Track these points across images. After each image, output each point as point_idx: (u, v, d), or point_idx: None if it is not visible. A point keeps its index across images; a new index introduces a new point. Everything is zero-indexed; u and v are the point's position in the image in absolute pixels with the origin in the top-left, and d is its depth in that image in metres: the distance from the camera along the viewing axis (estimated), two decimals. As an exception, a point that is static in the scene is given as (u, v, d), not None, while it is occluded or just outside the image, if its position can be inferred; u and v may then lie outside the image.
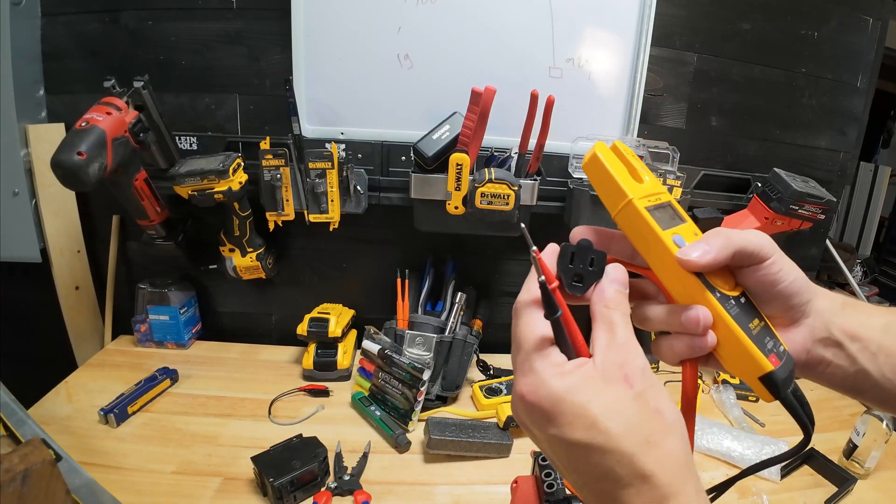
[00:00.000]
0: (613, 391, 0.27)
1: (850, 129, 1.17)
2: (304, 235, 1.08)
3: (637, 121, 1.05)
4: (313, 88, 1.00)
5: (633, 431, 0.26)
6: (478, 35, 0.98)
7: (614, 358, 0.29)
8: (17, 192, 0.98)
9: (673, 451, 0.27)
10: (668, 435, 0.27)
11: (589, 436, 0.27)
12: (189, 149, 1.03)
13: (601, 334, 0.30)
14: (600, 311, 0.31)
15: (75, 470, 0.67)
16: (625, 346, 0.29)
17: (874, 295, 2.07)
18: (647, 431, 0.27)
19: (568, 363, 0.29)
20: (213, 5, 0.97)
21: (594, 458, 0.27)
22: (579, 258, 0.32)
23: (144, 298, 1.06)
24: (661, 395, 0.28)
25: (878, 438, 0.79)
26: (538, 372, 0.29)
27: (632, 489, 0.26)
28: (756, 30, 1.06)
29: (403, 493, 0.75)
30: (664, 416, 0.28)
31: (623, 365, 0.28)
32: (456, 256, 1.11)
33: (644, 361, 0.29)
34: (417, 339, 0.98)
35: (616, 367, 0.28)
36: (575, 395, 0.27)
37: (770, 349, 0.33)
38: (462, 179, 0.88)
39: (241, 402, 0.93)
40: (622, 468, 0.26)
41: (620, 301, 0.31)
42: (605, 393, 0.27)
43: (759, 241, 0.34)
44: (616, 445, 0.26)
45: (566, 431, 0.27)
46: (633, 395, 0.27)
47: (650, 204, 0.34)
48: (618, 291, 0.32)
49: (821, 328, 0.36)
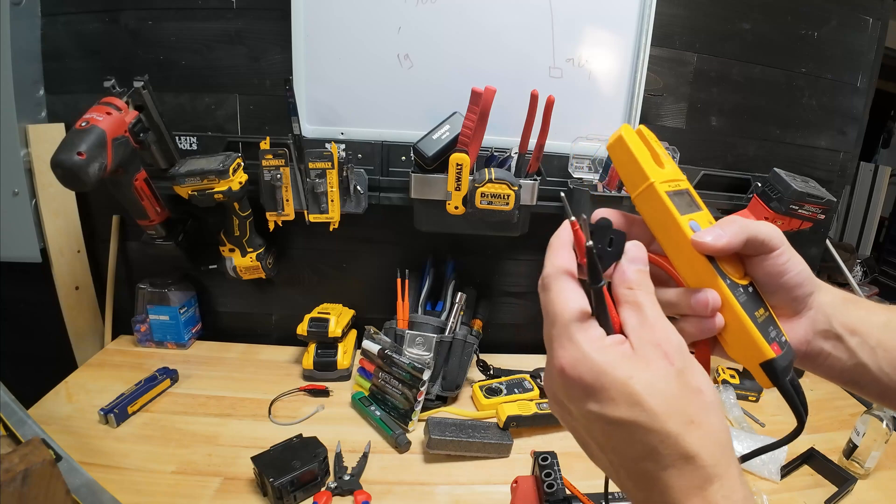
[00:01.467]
0: (655, 368, 0.27)
1: (850, 129, 1.17)
2: (304, 235, 1.08)
3: (637, 121, 1.05)
4: (313, 88, 1.00)
5: (676, 410, 0.26)
6: (478, 35, 0.98)
7: (649, 337, 0.28)
8: (17, 192, 0.98)
9: (716, 431, 0.26)
10: (710, 414, 0.27)
11: (633, 413, 0.26)
12: (189, 149, 1.03)
13: (629, 316, 0.29)
14: (624, 294, 0.30)
15: (75, 470, 0.67)
16: (658, 325, 0.28)
17: (874, 295, 2.08)
18: (691, 411, 0.26)
19: (607, 338, 0.28)
20: (213, 5, 0.97)
21: (637, 435, 0.26)
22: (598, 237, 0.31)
23: (144, 298, 1.06)
24: (701, 373, 0.28)
25: (878, 438, 0.79)
26: (580, 344, 0.28)
27: (674, 469, 0.25)
28: (756, 30, 1.06)
29: (403, 493, 0.75)
30: (705, 395, 0.27)
31: (660, 343, 0.28)
32: (456, 256, 1.11)
33: (680, 339, 0.28)
34: (417, 339, 0.98)
35: (653, 346, 0.27)
36: (618, 370, 0.26)
37: (773, 338, 0.35)
38: (462, 179, 0.88)
39: (241, 402, 0.93)
40: (665, 448, 0.25)
41: (643, 280, 0.30)
42: (648, 370, 0.27)
43: (769, 232, 0.35)
44: (661, 425, 0.25)
45: (608, 408, 0.26)
46: (675, 372, 0.27)
47: (670, 189, 0.35)
48: (639, 271, 0.31)
49: (822, 321, 0.37)
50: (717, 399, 0.28)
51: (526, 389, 0.97)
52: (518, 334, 1.20)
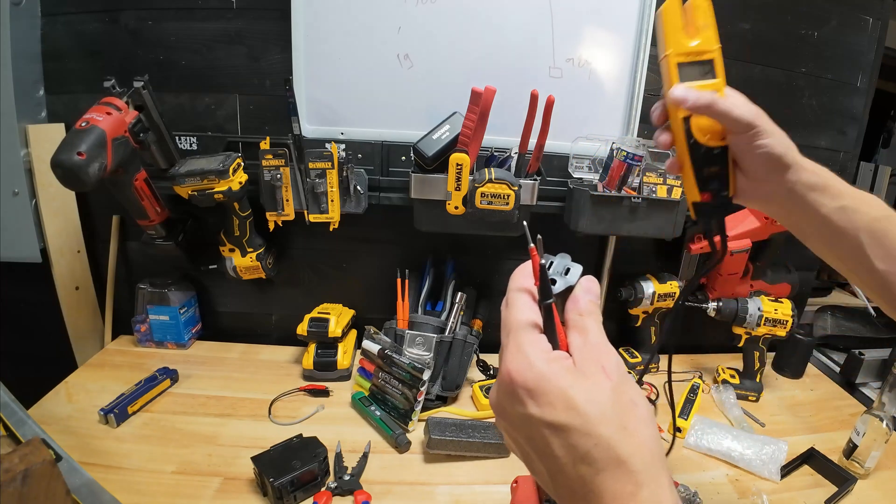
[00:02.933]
0: (593, 381, 0.29)
1: (850, 129, 1.17)
2: (304, 235, 1.08)
3: (637, 120, 1.05)
4: (313, 88, 1.00)
5: (610, 417, 0.28)
6: (478, 35, 0.98)
7: (590, 355, 0.30)
8: (17, 192, 0.98)
9: (647, 441, 0.28)
10: (642, 425, 0.29)
11: (569, 417, 0.28)
12: (189, 149, 1.03)
13: (575, 338, 0.32)
14: (574, 319, 0.33)
15: (75, 470, 0.67)
16: (599, 346, 0.31)
17: (874, 295, 2.07)
18: (625, 419, 0.28)
19: (554, 352, 0.31)
20: (213, 5, 0.97)
21: (572, 439, 0.27)
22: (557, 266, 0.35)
23: (144, 298, 1.06)
24: (635, 388, 0.30)
25: (878, 438, 0.79)
26: (527, 354, 0.30)
27: (607, 473, 0.27)
28: (756, 30, 1.06)
29: (403, 493, 0.75)
30: (639, 408, 0.29)
31: (599, 360, 0.30)
32: (456, 256, 1.11)
33: (618, 359, 0.31)
34: (417, 339, 0.98)
35: (593, 361, 0.30)
36: (559, 379, 0.29)
37: (711, 188, 0.49)
38: (462, 179, 0.88)
39: (241, 402, 0.93)
40: (599, 451, 0.27)
41: (593, 310, 0.33)
42: (586, 381, 0.29)
43: (741, 112, 0.47)
44: (593, 428, 0.27)
45: (547, 412, 0.28)
46: (611, 386, 0.29)
47: (687, 60, 0.46)
48: (590, 301, 0.33)
49: (799, 185, 0.50)
50: (650, 413, 0.30)
51: (526, 389, 0.97)
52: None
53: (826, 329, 1.32)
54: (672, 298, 1.09)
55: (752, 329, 1.02)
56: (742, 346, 1.05)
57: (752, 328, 1.02)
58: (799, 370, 1.15)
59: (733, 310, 1.03)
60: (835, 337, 1.30)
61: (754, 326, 1.02)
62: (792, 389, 1.10)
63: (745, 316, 1.02)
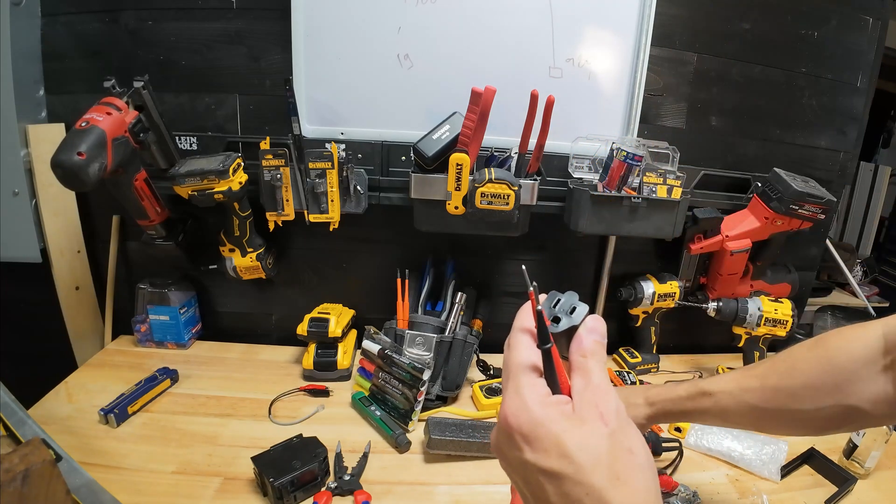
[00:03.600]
0: (589, 427, 0.28)
1: (850, 129, 1.17)
2: (304, 235, 1.08)
3: (637, 121, 1.05)
4: (313, 88, 1.00)
5: (603, 466, 0.27)
6: (478, 35, 0.98)
7: (590, 398, 0.30)
8: (17, 192, 0.98)
9: (641, 490, 0.28)
10: (638, 473, 0.28)
11: (561, 465, 0.27)
12: (189, 149, 1.03)
13: (578, 380, 0.31)
14: (577, 360, 0.32)
15: (75, 470, 0.67)
16: (599, 389, 0.30)
17: (874, 294, 2.08)
18: (619, 468, 0.27)
19: (552, 396, 0.30)
20: (213, 5, 0.97)
21: (565, 487, 0.27)
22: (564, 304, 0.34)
23: (144, 298, 1.06)
24: (634, 435, 0.29)
25: (878, 438, 0.79)
26: (524, 397, 0.30)
27: None
28: (756, 30, 1.06)
29: (403, 493, 0.75)
30: (636, 456, 0.28)
31: (598, 405, 0.29)
32: (456, 256, 1.11)
33: (619, 404, 0.30)
34: (417, 339, 0.98)
35: (591, 406, 0.29)
36: (554, 424, 0.28)
37: None
38: (462, 179, 0.88)
39: (241, 402, 0.93)
40: (590, 500, 0.27)
41: (597, 350, 0.32)
42: (582, 428, 0.28)
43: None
44: (585, 477, 0.27)
45: (541, 458, 0.28)
46: (607, 432, 0.28)
47: None
48: (595, 342, 0.33)
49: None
50: (648, 461, 0.29)
51: (526, 389, 0.97)
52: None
53: (826, 329, 1.32)
54: (672, 298, 1.09)
55: (753, 329, 1.03)
56: (742, 346, 1.06)
57: (752, 328, 1.03)
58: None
59: (733, 310, 1.03)
60: (835, 337, 1.30)
61: (754, 326, 1.02)
62: (792, 389, 1.10)
63: (745, 316, 1.02)
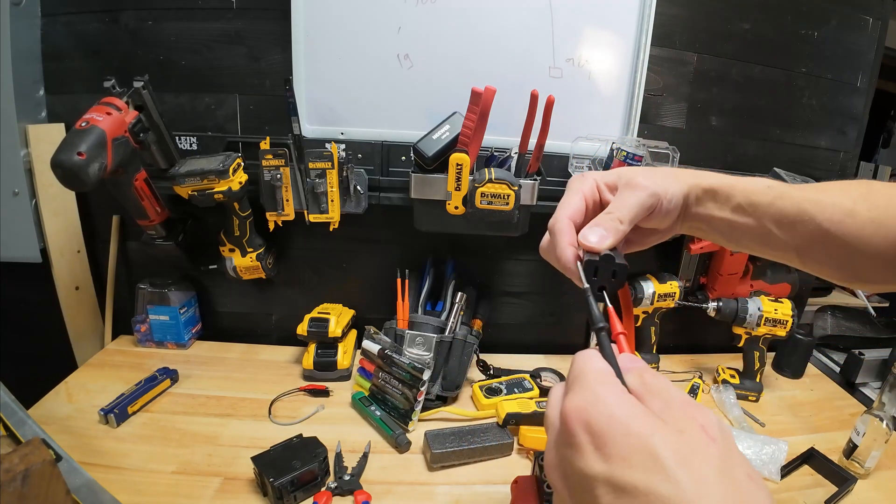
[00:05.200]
0: (690, 437, 0.20)
1: (851, 129, 1.17)
2: (304, 235, 1.08)
3: (637, 121, 1.05)
4: (313, 88, 1.00)
5: (715, 492, 0.19)
6: (478, 35, 0.98)
7: (680, 412, 0.22)
8: (17, 192, 0.98)
9: None
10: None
11: (650, 481, 0.19)
12: (189, 149, 1.03)
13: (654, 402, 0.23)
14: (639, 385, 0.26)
15: (75, 470, 0.67)
16: (688, 403, 0.23)
17: (874, 294, 2.07)
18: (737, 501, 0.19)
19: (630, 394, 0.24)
20: (213, 5, 0.97)
21: None
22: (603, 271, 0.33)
23: (144, 298, 1.06)
24: (746, 461, 0.22)
25: (878, 438, 0.79)
26: (595, 390, 0.23)
27: None
28: (756, 30, 1.06)
29: (403, 493, 0.75)
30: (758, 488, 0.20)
31: (694, 416, 0.22)
32: (456, 256, 1.11)
33: (720, 419, 0.23)
34: (417, 339, 0.98)
35: (687, 419, 0.21)
36: (638, 422, 0.21)
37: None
38: (462, 179, 0.88)
39: (241, 402, 0.93)
40: None
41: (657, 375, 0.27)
42: (681, 435, 0.20)
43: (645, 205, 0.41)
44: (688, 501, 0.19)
45: (618, 468, 0.20)
46: (717, 451, 0.20)
47: None
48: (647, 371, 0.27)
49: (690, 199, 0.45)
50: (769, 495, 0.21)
51: (526, 389, 0.97)
52: (518, 334, 1.20)
53: (826, 329, 1.32)
54: (672, 298, 1.09)
55: (752, 329, 1.03)
56: (742, 346, 1.06)
57: (752, 328, 1.03)
58: (799, 370, 1.15)
59: (733, 310, 1.03)
60: (835, 337, 1.30)
61: (754, 326, 1.02)
62: (792, 389, 1.10)
63: (745, 316, 1.02)
